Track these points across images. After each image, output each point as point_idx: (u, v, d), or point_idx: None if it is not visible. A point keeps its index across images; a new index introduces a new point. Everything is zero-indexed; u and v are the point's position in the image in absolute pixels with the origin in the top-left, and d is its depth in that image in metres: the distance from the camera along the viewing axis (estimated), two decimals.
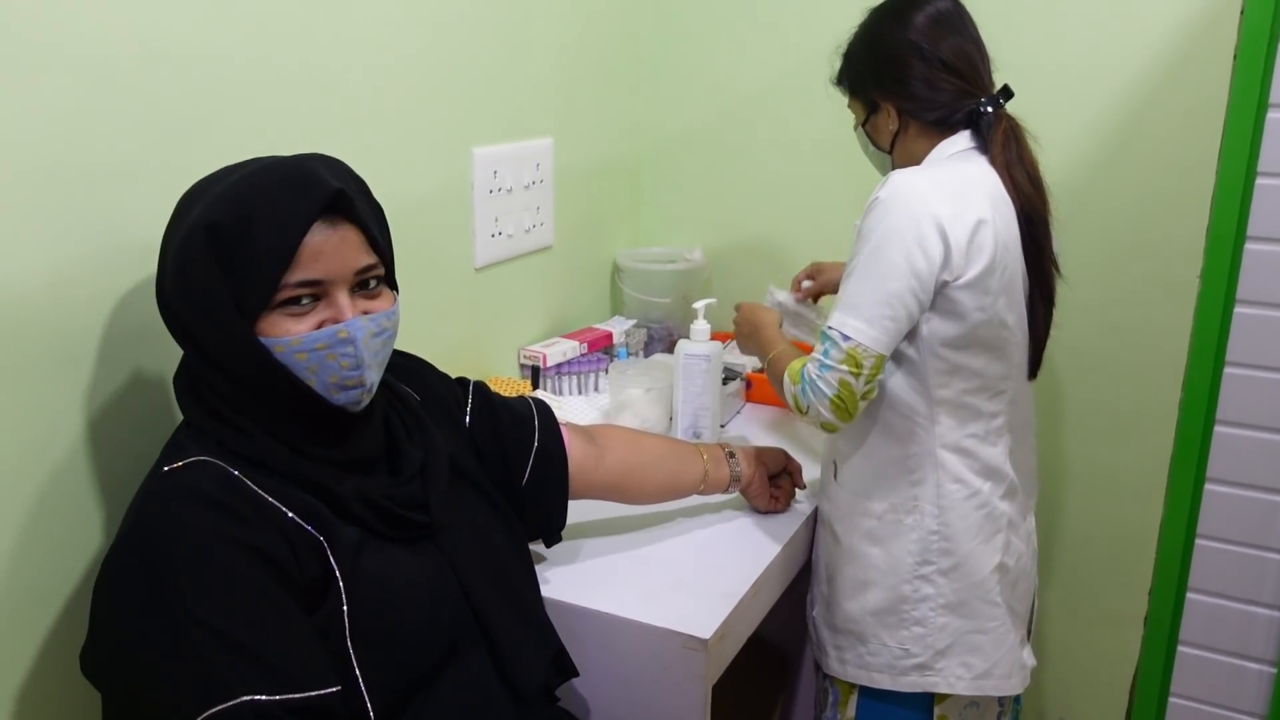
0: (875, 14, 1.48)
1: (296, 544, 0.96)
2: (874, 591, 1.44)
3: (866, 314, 1.31)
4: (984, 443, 1.42)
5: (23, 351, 1.04)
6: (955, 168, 1.38)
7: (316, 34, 1.38)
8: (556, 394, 1.95)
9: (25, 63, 1.01)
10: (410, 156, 1.59)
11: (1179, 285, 1.80)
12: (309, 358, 0.99)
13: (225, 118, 1.25)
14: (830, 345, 1.33)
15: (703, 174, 2.27)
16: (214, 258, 0.96)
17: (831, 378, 1.33)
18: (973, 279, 1.32)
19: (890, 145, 1.49)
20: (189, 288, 0.98)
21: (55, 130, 1.05)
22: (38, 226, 1.04)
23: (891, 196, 1.33)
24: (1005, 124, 1.40)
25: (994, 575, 1.42)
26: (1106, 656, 2.06)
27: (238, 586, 0.91)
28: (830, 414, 1.34)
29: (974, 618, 1.42)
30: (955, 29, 1.42)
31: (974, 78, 1.42)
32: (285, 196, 0.98)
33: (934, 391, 1.38)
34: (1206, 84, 1.75)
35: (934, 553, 1.41)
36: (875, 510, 1.44)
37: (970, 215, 1.32)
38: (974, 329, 1.35)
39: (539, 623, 1.19)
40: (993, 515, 1.42)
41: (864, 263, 1.33)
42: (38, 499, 1.07)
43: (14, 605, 1.06)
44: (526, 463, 1.31)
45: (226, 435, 1.00)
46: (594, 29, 2.06)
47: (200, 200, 0.99)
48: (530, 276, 1.98)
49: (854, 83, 1.51)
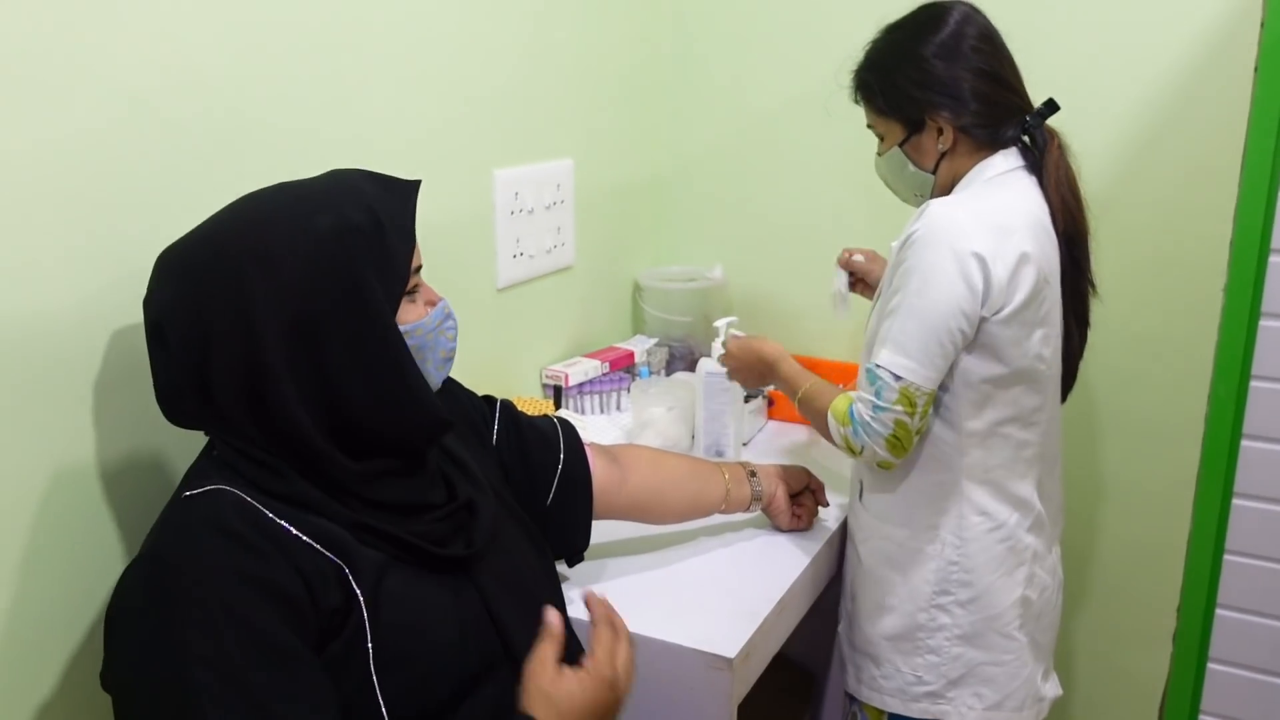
0: (909, 30, 1.44)
1: (313, 575, 0.94)
2: (891, 616, 1.44)
3: (916, 353, 1.30)
4: (1013, 474, 1.41)
5: (49, 378, 1.05)
6: (995, 194, 1.37)
7: (340, 60, 1.40)
8: (579, 413, 1.95)
9: (52, 90, 1.02)
10: (432, 179, 1.59)
11: (1203, 298, 1.79)
12: (433, 338, 1.06)
13: (250, 144, 1.27)
14: (882, 386, 1.32)
15: (722, 192, 2.27)
16: (365, 257, 0.98)
17: (886, 418, 1.32)
18: (1010, 314, 1.32)
19: (935, 165, 1.45)
20: (329, 293, 0.97)
21: (82, 157, 1.06)
22: (64, 252, 1.06)
23: (931, 231, 1.31)
24: (1056, 140, 1.40)
25: (1014, 608, 1.41)
26: (1135, 674, 2.04)
27: (242, 625, 0.89)
28: (887, 453, 1.34)
29: (989, 649, 1.41)
30: (999, 42, 1.42)
31: (1024, 91, 1.42)
32: (391, 196, 1.03)
33: (964, 423, 1.38)
34: (1227, 97, 1.75)
35: (953, 583, 1.40)
36: (897, 536, 1.43)
37: (1012, 250, 1.31)
38: (1008, 363, 1.34)
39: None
40: (1016, 548, 1.41)
41: (910, 300, 1.31)
42: (64, 522, 1.08)
43: (39, 624, 1.07)
44: (551, 483, 1.31)
45: (259, 475, 0.98)
46: (613, 50, 2.08)
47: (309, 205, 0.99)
48: (552, 296, 1.99)
49: (894, 101, 1.45)
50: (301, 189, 1.03)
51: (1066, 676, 2.10)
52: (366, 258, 0.98)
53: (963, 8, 1.42)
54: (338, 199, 1.00)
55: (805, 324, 2.21)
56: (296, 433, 0.97)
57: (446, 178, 1.64)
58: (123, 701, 0.94)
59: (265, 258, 0.96)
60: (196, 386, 0.98)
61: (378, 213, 1.00)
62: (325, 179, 1.05)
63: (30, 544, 1.05)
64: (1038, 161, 1.40)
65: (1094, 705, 2.12)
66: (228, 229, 1.00)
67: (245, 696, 0.88)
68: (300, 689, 0.91)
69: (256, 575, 0.91)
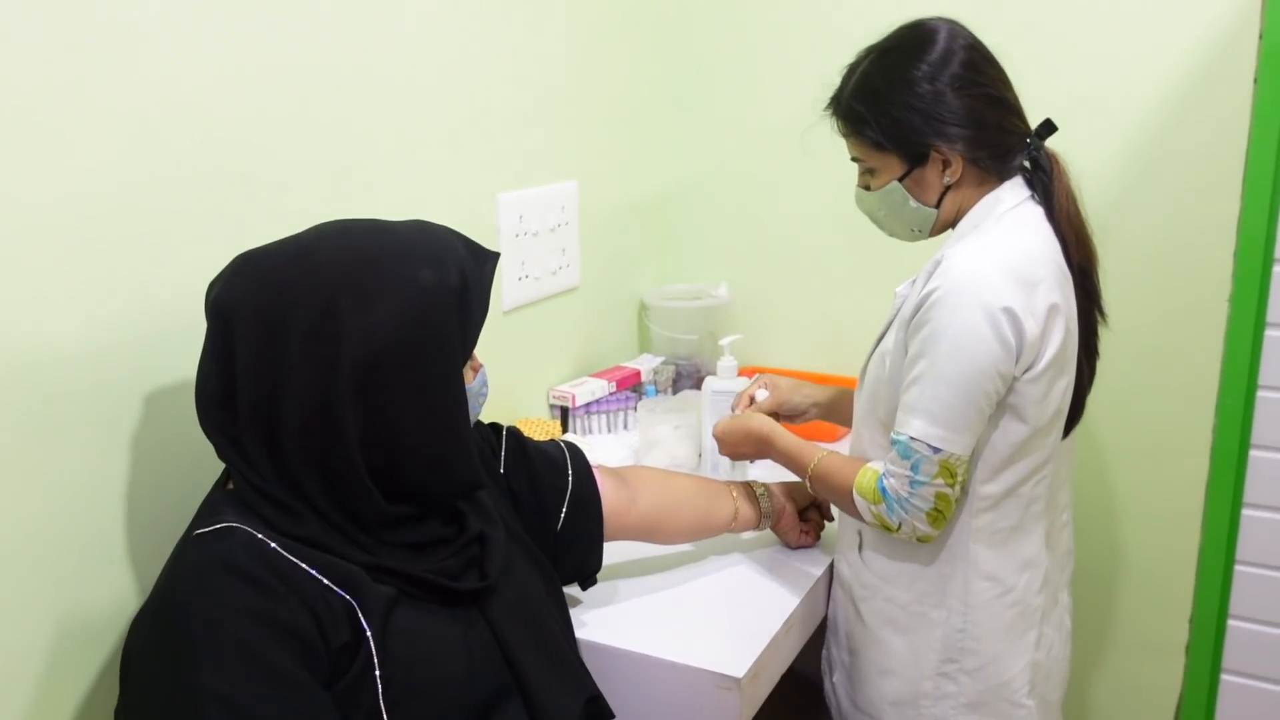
0: (899, 53, 1.33)
1: (323, 613, 0.95)
2: (894, 681, 1.38)
3: (953, 421, 1.22)
4: (1020, 532, 1.33)
5: (62, 412, 1.06)
6: (1013, 237, 1.28)
7: (344, 88, 1.41)
8: (586, 433, 1.96)
9: (66, 125, 1.04)
10: (437, 204, 1.62)
11: (1208, 309, 1.79)
12: (472, 402, 1.11)
13: (260, 180, 1.28)
14: (920, 460, 1.24)
15: (726, 211, 2.28)
16: (453, 316, 1.02)
17: (927, 493, 1.24)
18: (1040, 370, 1.25)
19: (939, 199, 1.35)
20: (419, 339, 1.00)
21: (94, 191, 1.07)
22: (77, 286, 1.07)
23: (958, 288, 1.22)
24: (1060, 166, 1.33)
25: (1023, 674, 1.35)
26: (1148, 687, 2.03)
27: (255, 662, 0.90)
28: (928, 527, 1.27)
29: (996, 718, 1.36)
30: (994, 63, 1.34)
31: (1023, 113, 1.35)
32: (476, 262, 1.06)
33: (979, 488, 1.30)
34: (1228, 108, 1.75)
35: (958, 651, 1.34)
36: (900, 599, 1.37)
37: (1041, 303, 1.24)
38: (1032, 422, 1.28)
39: (572, 669, 1.18)
40: (1025, 613, 1.35)
41: (942, 367, 1.22)
42: (75, 558, 1.09)
43: (51, 662, 1.08)
44: (561, 508, 1.32)
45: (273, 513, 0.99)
46: (614, 71, 2.09)
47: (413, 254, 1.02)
48: (558, 317, 2.00)
49: (892, 133, 1.32)
50: (400, 234, 1.05)
51: (1079, 689, 2.09)
52: (454, 317, 1.02)
53: (949, 25, 1.33)
54: (438, 255, 1.03)
55: (810, 341, 2.22)
56: (347, 464, 0.99)
57: (451, 202, 1.65)
58: None
59: (362, 293, 0.98)
60: (258, 396, 0.98)
61: (467, 276, 1.04)
62: (418, 228, 1.07)
63: (44, 580, 1.06)
64: (1045, 188, 1.32)
65: (1107, 717, 2.11)
66: (325, 253, 1.01)
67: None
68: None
69: (267, 613, 0.92)
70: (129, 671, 0.96)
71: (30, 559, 1.04)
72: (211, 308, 1.01)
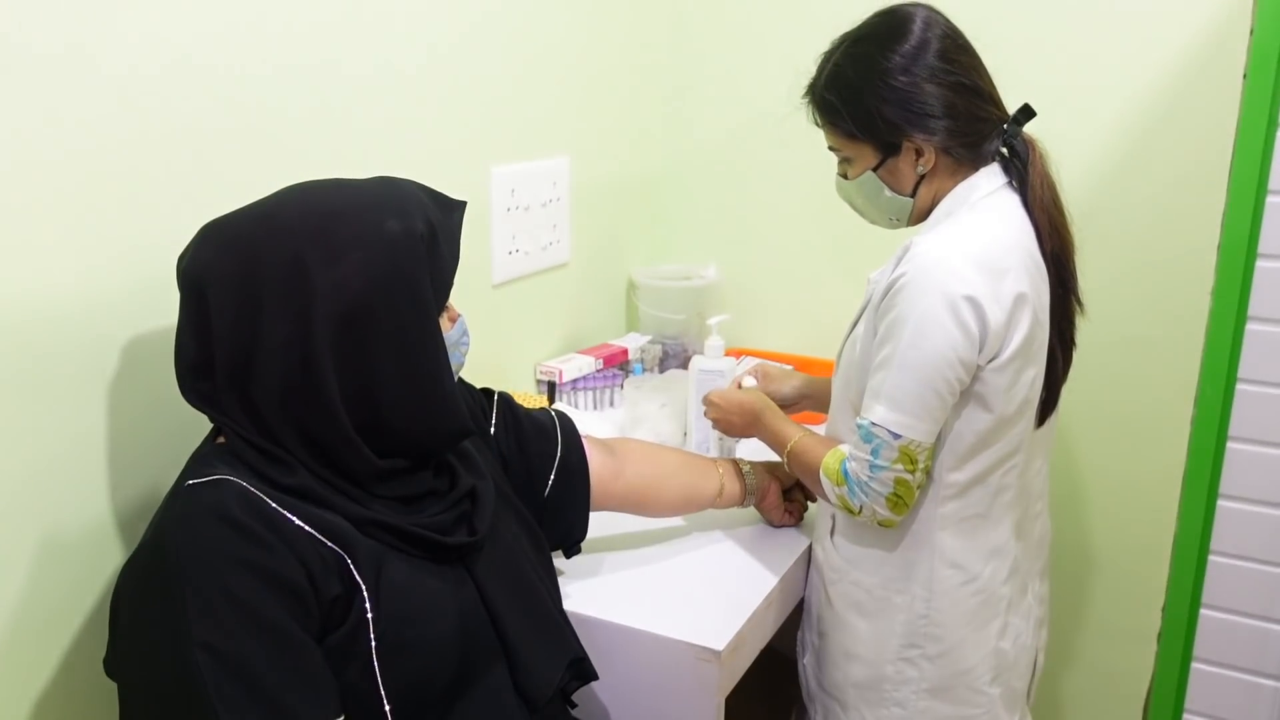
0: (872, 42, 1.33)
1: (314, 564, 0.96)
2: (857, 665, 1.39)
3: (914, 408, 1.23)
4: (988, 521, 1.33)
5: (53, 366, 1.07)
6: (983, 225, 1.28)
7: (338, 57, 1.41)
8: (572, 409, 1.97)
9: (60, 86, 1.04)
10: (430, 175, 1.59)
11: (1190, 301, 1.81)
12: (452, 351, 1.10)
13: (253, 142, 1.28)
14: (880, 444, 1.24)
15: (718, 191, 2.29)
16: (424, 264, 1.02)
17: (886, 477, 1.25)
18: (1006, 360, 1.25)
19: (914, 188, 1.35)
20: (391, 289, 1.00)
21: (87, 149, 1.07)
22: (70, 243, 1.07)
23: (922, 275, 1.22)
24: (1037, 152, 1.32)
25: (986, 661, 1.35)
26: (1120, 673, 2.06)
27: (244, 612, 0.91)
28: (889, 512, 1.27)
29: (958, 704, 1.36)
30: (969, 48, 1.33)
31: (999, 99, 1.34)
32: (442, 211, 1.07)
33: (945, 475, 1.30)
34: (1216, 102, 1.76)
35: (920, 637, 1.34)
36: (865, 583, 1.37)
37: (1008, 291, 1.23)
38: (997, 411, 1.27)
39: (558, 631, 1.19)
40: (990, 601, 1.35)
41: (904, 353, 1.23)
42: (66, 509, 1.10)
43: (41, 612, 1.08)
44: (549, 474, 1.33)
45: (265, 466, 1.00)
46: (609, 48, 2.09)
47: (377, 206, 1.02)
48: (547, 293, 2.00)
49: (864, 123, 1.32)
50: (363, 189, 1.05)
51: (1052, 675, 2.12)
52: (424, 265, 1.02)
53: (924, 12, 1.32)
54: (403, 205, 1.03)
55: (798, 323, 2.23)
56: (331, 423, 0.99)
57: (444, 173, 1.65)
58: (127, 687, 0.96)
59: (329, 247, 0.98)
60: (234, 362, 0.98)
61: (434, 224, 1.04)
62: (381, 183, 1.08)
63: (33, 530, 1.06)
64: (1021, 174, 1.31)
65: (1079, 704, 2.14)
66: (289, 213, 1.01)
67: (246, 681, 0.89)
68: (301, 675, 0.93)
69: (258, 564, 0.93)
70: (118, 619, 0.97)
71: (18, 510, 1.05)
72: (182, 278, 1.01)
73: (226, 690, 0.89)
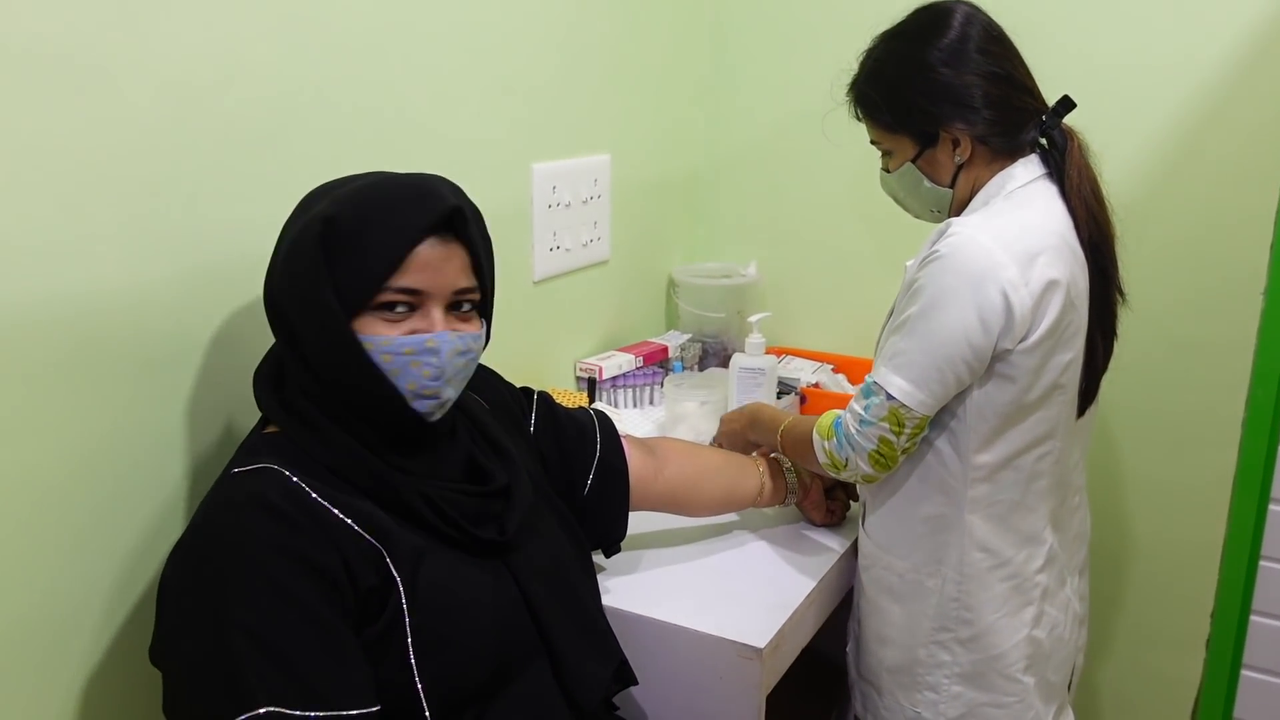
0: (910, 37, 1.36)
1: (352, 555, 0.97)
2: (891, 649, 1.40)
3: (914, 375, 1.24)
4: (1021, 508, 1.33)
5: (107, 356, 1.08)
6: (1019, 212, 1.28)
7: (383, 56, 1.42)
8: (612, 407, 1.97)
9: (114, 84, 1.05)
10: (473, 172, 1.61)
11: (1242, 301, 1.78)
12: (393, 360, 1.01)
13: (297, 137, 1.29)
14: (873, 401, 1.27)
15: (758, 189, 2.28)
16: (324, 249, 0.99)
17: (871, 433, 1.28)
18: (1034, 343, 1.25)
19: (952, 179, 1.37)
20: (295, 276, 1.01)
21: (139, 145, 1.08)
22: (122, 236, 1.08)
23: (954, 253, 1.23)
24: (1076, 142, 1.32)
25: (1020, 649, 1.34)
26: (1168, 679, 2.03)
27: (283, 597, 0.92)
28: (870, 467, 1.30)
29: (990, 690, 1.35)
30: (1007, 41, 1.34)
31: (1037, 90, 1.35)
32: (405, 205, 1.02)
33: (974, 456, 1.30)
34: (1270, 98, 1.73)
35: (952, 620, 1.34)
36: (897, 567, 1.38)
37: (1038, 278, 1.23)
38: (1028, 391, 1.27)
39: (601, 634, 1.19)
40: (1023, 587, 1.34)
41: (916, 320, 1.25)
42: (114, 496, 1.11)
43: (89, 597, 1.10)
44: (588, 473, 1.33)
45: (303, 436, 1.02)
46: (651, 47, 2.09)
47: (324, 198, 1.03)
48: (587, 290, 2.00)
49: (902, 115, 1.36)
50: (352, 179, 1.07)
51: (1098, 678, 2.09)
52: (333, 250, 0.99)
53: (965, 7, 1.34)
54: (349, 192, 1.03)
55: (839, 321, 2.22)
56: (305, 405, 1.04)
57: (486, 170, 1.66)
58: (169, 672, 0.97)
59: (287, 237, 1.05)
60: None
61: (372, 214, 1.00)
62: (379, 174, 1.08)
63: (81, 518, 1.08)
64: (1059, 165, 1.32)
65: (1125, 709, 2.11)
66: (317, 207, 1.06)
67: (283, 665, 0.90)
68: (337, 661, 0.93)
69: (297, 550, 0.94)
70: (163, 603, 0.98)
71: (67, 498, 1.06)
72: None
73: (265, 671, 0.90)
